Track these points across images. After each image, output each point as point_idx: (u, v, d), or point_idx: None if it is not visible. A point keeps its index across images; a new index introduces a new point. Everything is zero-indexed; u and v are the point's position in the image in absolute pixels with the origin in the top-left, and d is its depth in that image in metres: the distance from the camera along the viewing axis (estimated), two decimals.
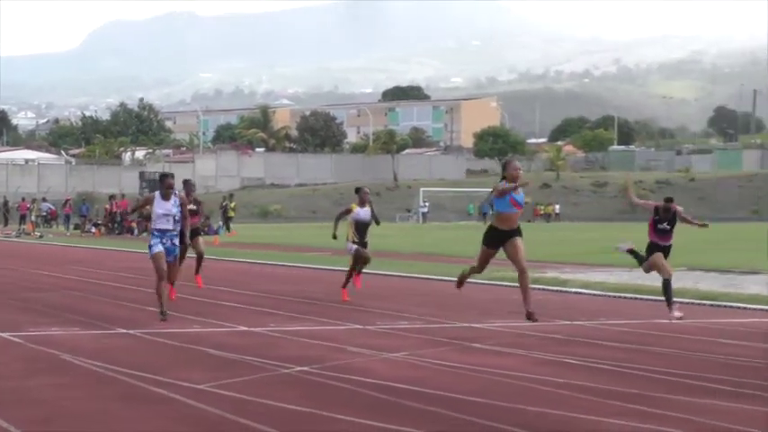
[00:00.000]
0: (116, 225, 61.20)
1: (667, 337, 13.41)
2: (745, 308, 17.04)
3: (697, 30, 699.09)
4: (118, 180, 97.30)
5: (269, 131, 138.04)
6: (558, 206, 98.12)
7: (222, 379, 9.72)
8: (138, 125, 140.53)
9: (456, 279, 17.25)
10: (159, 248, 15.11)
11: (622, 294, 19.36)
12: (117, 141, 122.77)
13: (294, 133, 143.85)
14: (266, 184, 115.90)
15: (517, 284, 16.75)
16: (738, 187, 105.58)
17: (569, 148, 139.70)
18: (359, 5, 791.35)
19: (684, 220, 16.79)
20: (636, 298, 18.80)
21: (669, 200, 16.98)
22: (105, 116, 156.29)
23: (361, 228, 18.77)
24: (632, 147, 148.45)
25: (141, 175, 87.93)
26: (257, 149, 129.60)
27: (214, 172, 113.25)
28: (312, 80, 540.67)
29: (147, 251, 15.29)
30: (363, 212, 18.79)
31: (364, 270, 19.74)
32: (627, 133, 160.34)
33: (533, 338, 13.12)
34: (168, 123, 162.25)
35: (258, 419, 7.88)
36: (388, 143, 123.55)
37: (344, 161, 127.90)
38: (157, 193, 15.42)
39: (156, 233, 15.35)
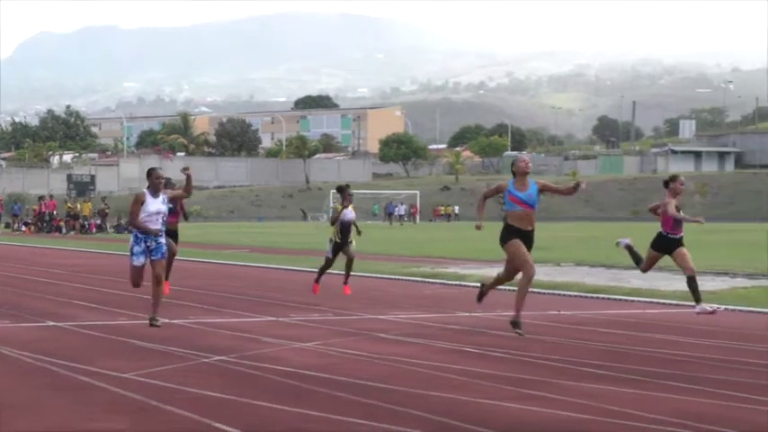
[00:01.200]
0: (45, 224, 60.62)
1: (557, 326, 13.54)
2: (627, 300, 17.26)
3: (581, 46, 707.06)
4: (46, 182, 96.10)
5: (189, 137, 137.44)
6: (457, 207, 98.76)
7: (147, 368, 9.63)
8: (65, 131, 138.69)
9: (479, 291, 14.40)
10: (141, 261, 13.40)
11: (516, 288, 19.47)
12: (46, 146, 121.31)
13: (212, 139, 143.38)
14: None
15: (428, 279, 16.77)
16: (619, 190, 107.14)
17: (467, 153, 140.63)
18: (271, 20, 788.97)
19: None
20: (530, 292, 18.88)
21: (674, 178, 15.83)
22: (34, 122, 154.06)
23: (345, 228, 17.86)
24: (524, 153, 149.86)
25: (69, 177, 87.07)
26: (178, 154, 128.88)
27: (138, 174, 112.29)
28: (229, 89, 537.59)
29: (81, 248, 14.84)
30: (349, 213, 17.89)
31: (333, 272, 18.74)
32: (519, 140, 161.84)
33: (435, 329, 13.17)
34: (94, 129, 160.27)
35: (181, 405, 7.82)
36: (300, 148, 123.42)
37: (260, 165, 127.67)
38: (147, 191, 13.48)
39: (138, 235, 13.36)
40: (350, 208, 17.92)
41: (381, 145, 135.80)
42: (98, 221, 62.77)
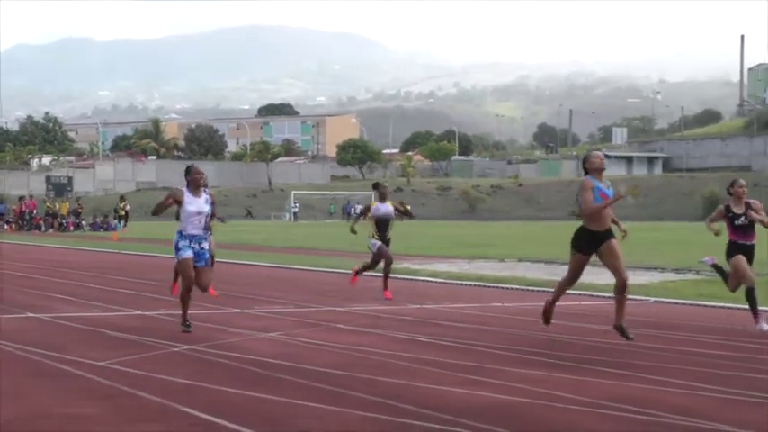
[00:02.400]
0: (25, 222, 60.25)
1: (500, 318, 13.60)
2: (566, 293, 17.33)
3: (522, 59, 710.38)
4: (26, 183, 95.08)
5: (160, 142, 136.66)
6: (409, 207, 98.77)
7: (120, 357, 9.58)
8: (44, 135, 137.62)
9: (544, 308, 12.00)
10: (188, 253, 11.61)
11: (465, 282, 19.57)
12: (26, 149, 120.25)
13: (182, 143, 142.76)
14: (158, 187, 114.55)
15: (379, 274, 16.74)
16: (558, 191, 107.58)
17: (418, 157, 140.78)
18: (236, 33, 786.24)
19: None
20: (477, 285, 19.00)
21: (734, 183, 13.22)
22: (15, 127, 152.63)
23: (382, 224, 16.08)
24: (471, 157, 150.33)
25: (48, 179, 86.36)
26: (150, 157, 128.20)
27: (112, 177, 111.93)
28: (197, 98, 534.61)
29: (58, 245, 14.55)
30: (384, 208, 16.10)
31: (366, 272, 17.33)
32: (466, 146, 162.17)
33: (388, 320, 13.18)
34: (71, 134, 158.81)
35: (153, 392, 7.79)
36: (264, 152, 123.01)
37: (226, 168, 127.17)
38: (185, 189, 11.81)
39: (184, 233, 11.70)
40: (387, 203, 16.19)
41: (339, 150, 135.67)
42: (75, 220, 62.41)
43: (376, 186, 16.41)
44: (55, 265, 25.81)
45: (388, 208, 16.11)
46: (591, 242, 11.33)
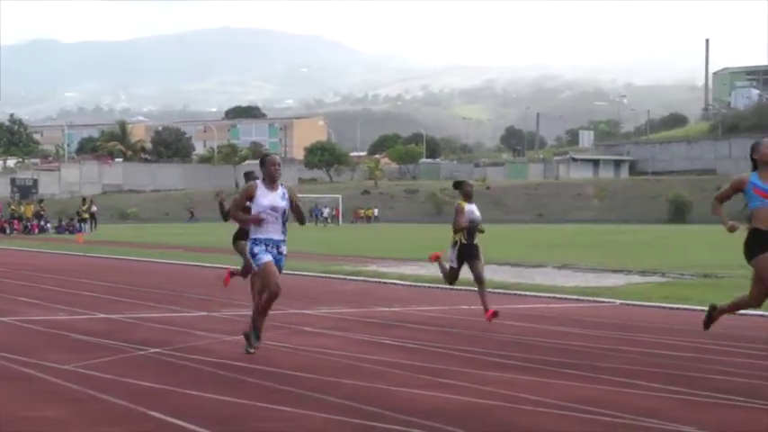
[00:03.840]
0: None
1: (468, 320, 13.62)
2: (531, 295, 17.43)
3: (489, 62, 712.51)
4: None
5: (126, 144, 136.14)
6: (376, 210, 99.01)
7: (85, 360, 9.52)
8: (9, 137, 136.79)
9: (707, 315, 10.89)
10: (268, 256, 9.92)
11: (432, 285, 19.58)
12: None
13: (149, 146, 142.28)
14: (124, 189, 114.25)
15: (351, 276, 16.69)
16: (525, 194, 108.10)
17: (386, 160, 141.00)
18: (202, 35, 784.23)
19: None
20: (443, 288, 19.00)
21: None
22: None
23: (471, 228, 13.77)
24: (438, 160, 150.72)
25: (12, 181, 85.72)
26: (116, 159, 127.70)
27: (78, 179, 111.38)
28: (164, 100, 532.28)
29: (23, 247, 14.31)
30: (473, 209, 13.76)
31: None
32: (433, 148, 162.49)
33: (355, 322, 13.19)
34: (36, 136, 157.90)
35: (117, 395, 7.76)
36: (231, 155, 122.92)
37: (193, 170, 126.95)
38: (259, 182, 10.27)
39: (258, 238, 10.03)
40: (473, 203, 13.89)
41: (306, 152, 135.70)
42: (40, 223, 62.00)
43: (460, 185, 14.03)
44: (19, 268, 25.63)
45: (475, 209, 13.80)
46: (763, 242, 10.00)
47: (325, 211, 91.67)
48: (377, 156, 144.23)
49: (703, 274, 21.23)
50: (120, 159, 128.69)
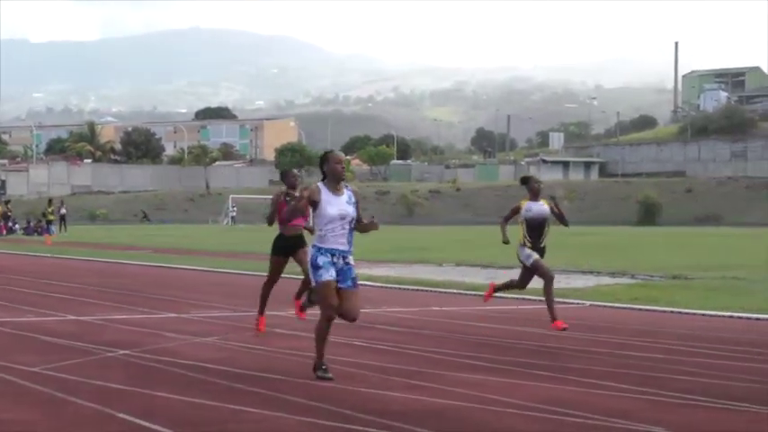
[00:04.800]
0: None
1: (438, 322, 13.64)
2: (501, 297, 17.45)
3: (460, 63, 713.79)
4: None
5: (95, 145, 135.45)
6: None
7: (54, 362, 9.47)
8: None
9: None
10: (330, 274, 8.67)
11: (402, 286, 19.60)
12: None
13: (118, 147, 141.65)
14: (94, 190, 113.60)
15: None
16: (495, 196, 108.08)
17: (356, 161, 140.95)
18: (172, 36, 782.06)
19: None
20: (414, 289, 19.04)
21: None
22: None
23: (535, 228, 12.76)
24: (409, 161, 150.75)
25: None
26: (85, 160, 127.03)
27: (47, 180, 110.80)
28: (134, 101, 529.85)
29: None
30: (537, 207, 12.78)
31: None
32: (404, 150, 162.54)
33: None
34: (5, 137, 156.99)
35: (86, 397, 7.72)
36: (201, 156, 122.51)
37: (163, 171, 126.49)
38: (321, 185, 8.73)
39: (322, 247, 8.73)
40: (541, 201, 12.91)
41: (277, 153, 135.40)
42: (8, 224, 61.51)
43: (526, 181, 13.12)
44: None
45: (542, 208, 12.77)
46: None
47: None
48: (348, 157, 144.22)
49: (672, 275, 21.34)
50: (89, 160, 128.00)
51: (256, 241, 45.89)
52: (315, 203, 8.62)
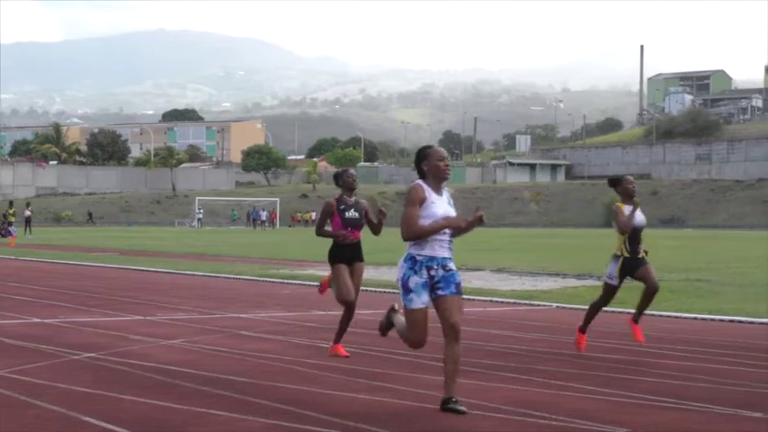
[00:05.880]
0: None
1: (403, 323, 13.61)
2: (468, 299, 17.46)
3: (427, 65, 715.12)
4: None
5: (61, 146, 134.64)
6: (314, 213, 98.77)
7: (17, 365, 9.40)
8: None
9: None
10: (423, 301, 7.54)
11: (370, 288, 19.58)
12: None
13: (84, 148, 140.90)
14: (59, 192, 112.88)
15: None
16: (462, 198, 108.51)
17: (323, 163, 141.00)
18: (139, 37, 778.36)
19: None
20: (382, 291, 19.02)
21: None
22: None
23: (635, 235, 11.01)
24: (376, 163, 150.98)
25: None
26: (51, 162, 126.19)
27: (11, 181, 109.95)
28: (100, 102, 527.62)
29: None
30: (638, 214, 11.00)
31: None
32: (371, 152, 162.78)
33: (292, 326, 13.15)
34: None
35: (50, 400, 7.66)
36: (168, 158, 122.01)
37: (129, 173, 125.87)
38: (424, 183, 7.51)
39: (419, 257, 7.48)
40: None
41: (244, 155, 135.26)
42: None
43: (617, 182, 11.33)
44: None
45: (641, 215, 11.09)
46: None
47: (263, 215, 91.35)
48: (315, 159, 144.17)
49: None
50: (55, 162, 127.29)
51: (220, 243, 45.84)
52: (422, 201, 7.42)
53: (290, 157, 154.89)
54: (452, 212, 7.48)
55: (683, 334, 12.46)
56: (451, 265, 7.52)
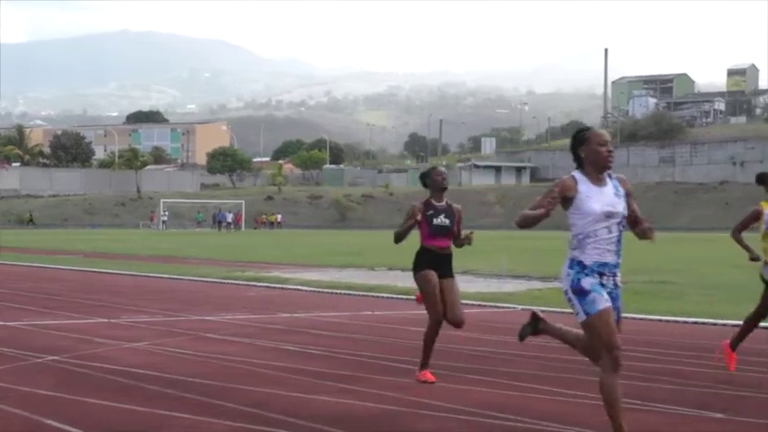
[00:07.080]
0: None
1: (369, 326, 13.63)
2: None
3: (393, 67, 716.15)
4: None
5: (24, 148, 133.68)
6: (280, 215, 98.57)
7: None
8: None
9: None
10: (606, 299, 6.03)
11: (335, 291, 19.58)
12: None
13: (47, 150, 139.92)
14: (22, 194, 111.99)
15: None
16: None
17: (289, 166, 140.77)
18: (103, 38, 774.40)
19: None
20: (347, 294, 19.02)
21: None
22: None
23: None
24: (342, 166, 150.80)
25: None
26: (13, 164, 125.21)
27: None
28: (63, 104, 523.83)
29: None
30: None
31: None
32: (337, 154, 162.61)
33: (258, 329, 13.10)
34: None
35: (12, 404, 7.59)
36: (132, 160, 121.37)
37: (93, 175, 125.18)
38: (577, 173, 6.26)
39: (585, 262, 6.09)
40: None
41: (209, 158, 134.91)
42: None
43: (765, 179, 9.62)
44: None
45: None
46: None
47: (229, 217, 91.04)
48: (280, 161, 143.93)
49: None
50: (18, 164, 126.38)
51: (185, 245, 45.65)
52: (569, 198, 6.16)
53: (255, 160, 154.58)
54: (620, 205, 6.06)
55: (647, 335, 12.52)
56: (619, 278, 6.16)
